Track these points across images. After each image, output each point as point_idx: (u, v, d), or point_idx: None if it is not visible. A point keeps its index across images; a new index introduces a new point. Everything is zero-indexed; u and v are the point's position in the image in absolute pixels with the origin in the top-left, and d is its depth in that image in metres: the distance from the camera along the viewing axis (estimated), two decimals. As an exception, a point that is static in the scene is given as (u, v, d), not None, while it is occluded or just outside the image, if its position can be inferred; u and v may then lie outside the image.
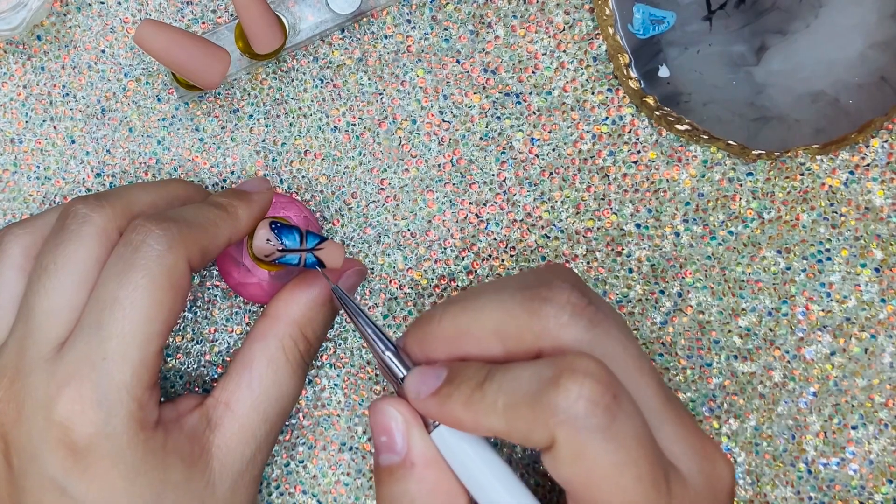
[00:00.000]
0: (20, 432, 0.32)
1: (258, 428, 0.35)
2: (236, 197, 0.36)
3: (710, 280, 0.41)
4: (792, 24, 0.40)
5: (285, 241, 0.34)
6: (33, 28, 0.42)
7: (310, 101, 0.42)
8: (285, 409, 0.36)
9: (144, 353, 0.32)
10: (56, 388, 0.31)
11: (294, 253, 0.34)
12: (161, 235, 0.32)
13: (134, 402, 0.32)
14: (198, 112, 0.42)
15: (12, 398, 0.32)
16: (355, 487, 0.41)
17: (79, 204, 0.34)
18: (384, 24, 0.42)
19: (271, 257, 0.34)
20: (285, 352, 0.36)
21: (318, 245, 0.35)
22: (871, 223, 0.41)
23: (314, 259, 0.35)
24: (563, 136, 0.42)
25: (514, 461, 0.41)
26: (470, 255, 0.42)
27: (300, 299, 0.37)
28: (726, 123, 0.40)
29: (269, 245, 0.34)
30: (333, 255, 0.35)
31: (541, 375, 0.29)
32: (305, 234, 0.35)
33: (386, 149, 0.42)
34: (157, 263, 0.32)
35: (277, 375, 0.36)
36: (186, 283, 0.33)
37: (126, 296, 0.32)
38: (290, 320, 0.36)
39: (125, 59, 0.42)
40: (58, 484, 0.31)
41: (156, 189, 0.36)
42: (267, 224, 0.35)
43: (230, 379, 0.35)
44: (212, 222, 0.34)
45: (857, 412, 0.41)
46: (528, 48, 0.42)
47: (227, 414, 0.35)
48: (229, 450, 0.34)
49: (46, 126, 0.42)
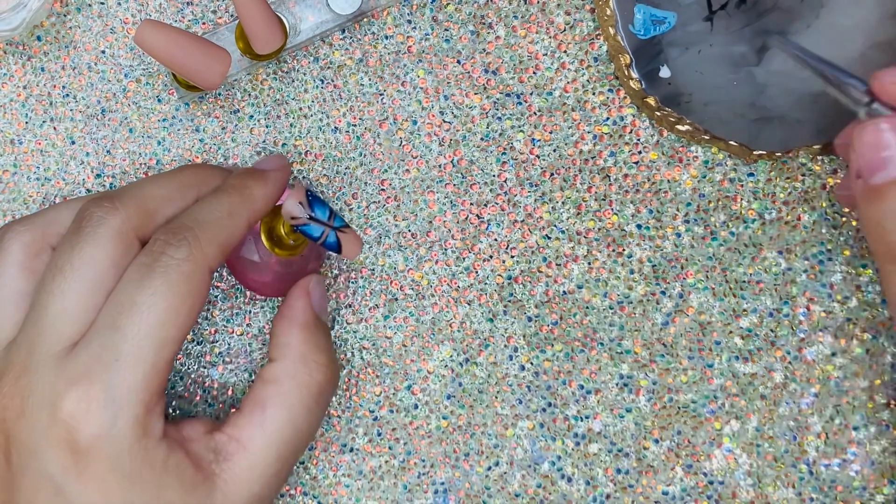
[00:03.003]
0: (22, 428, 0.32)
1: (270, 466, 0.35)
2: (251, 177, 0.36)
3: (711, 281, 0.41)
4: (793, 24, 0.40)
5: (316, 211, 0.34)
6: (33, 29, 0.42)
7: (310, 102, 0.42)
8: (300, 448, 0.36)
9: (157, 357, 0.32)
10: (65, 385, 0.31)
11: (320, 225, 0.34)
12: (179, 245, 0.33)
13: (141, 406, 0.32)
14: (198, 113, 0.42)
15: (17, 393, 0.32)
16: (356, 489, 0.41)
17: (93, 207, 0.34)
18: (385, 25, 0.42)
19: (296, 223, 0.34)
20: (300, 389, 0.36)
21: (343, 228, 0.35)
22: (872, 224, 0.41)
23: (335, 240, 0.35)
24: (564, 137, 0.42)
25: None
26: (471, 256, 0.41)
27: (294, 332, 0.37)
28: (727, 124, 0.40)
29: (301, 210, 0.34)
30: (353, 245, 0.35)
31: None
32: (335, 214, 0.35)
33: (386, 149, 0.42)
34: (175, 271, 0.32)
35: (291, 414, 0.35)
36: (205, 290, 0.33)
37: (144, 300, 0.32)
38: (295, 357, 0.36)
39: (125, 60, 0.42)
40: (54, 483, 0.31)
41: (169, 181, 0.36)
42: (304, 190, 0.34)
43: (241, 416, 0.35)
44: (228, 214, 0.34)
45: (859, 413, 0.41)
46: (529, 49, 0.42)
47: (240, 450, 0.34)
48: (236, 484, 0.34)
49: (46, 127, 0.42)
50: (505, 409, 0.41)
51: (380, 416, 0.41)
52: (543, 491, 0.41)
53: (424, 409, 0.41)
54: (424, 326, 0.41)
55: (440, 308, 0.41)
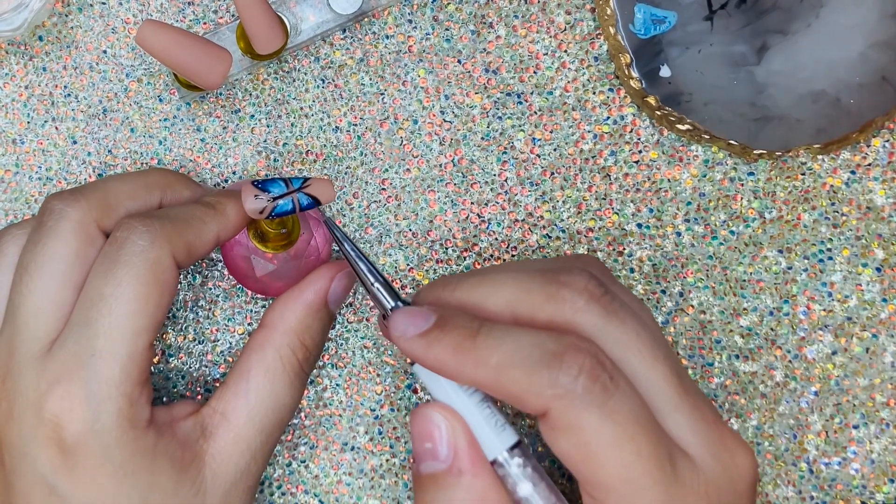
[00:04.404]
0: (11, 430, 0.32)
1: (253, 438, 0.35)
2: (224, 195, 0.36)
3: (711, 280, 0.41)
4: (793, 23, 0.40)
5: (272, 191, 0.35)
6: (35, 29, 0.42)
7: (311, 102, 0.42)
8: (282, 420, 0.36)
9: (132, 348, 0.32)
10: (46, 385, 0.31)
11: (285, 197, 0.35)
12: (144, 231, 0.32)
13: (123, 398, 0.32)
14: (199, 112, 0.42)
15: (3, 396, 0.32)
16: (357, 487, 0.41)
17: (54, 200, 0.34)
18: (385, 25, 0.42)
19: (265, 212, 0.34)
20: (282, 362, 0.36)
21: (305, 184, 0.35)
22: (872, 223, 0.41)
23: (308, 198, 0.35)
24: (565, 136, 0.42)
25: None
26: (471, 255, 0.42)
27: (296, 307, 0.37)
28: (727, 123, 0.40)
29: (260, 200, 0.34)
30: (324, 189, 0.35)
31: (544, 346, 0.29)
32: (289, 180, 0.35)
33: (387, 149, 0.42)
34: (140, 258, 0.32)
35: (274, 386, 0.35)
36: (172, 278, 0.33)
37: (110, 292, 0.32)
38: (286, 329, 0.36)
39: (127, 60, 0.42)
40: (46, 482, 0.31)
41: (134, 179, 0.36)
42: (248, 182, 0.35)
43: (226, 389, 0.35)
44: (198, 218, 0.34)
45: (859, 411, 0.41)
46: (530, 48, 0.42)
47: (223, 423, 0.34)
48: (223, 459, 0.34)
49: (48, 127, 0.42)
50: (505, 406, 0.41)
51: (381, 414, 0.41)
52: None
53: (425, 407, 0.41)
54: (425, 325, 0.41)
55: (441, 307, 0.41)
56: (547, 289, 0.31)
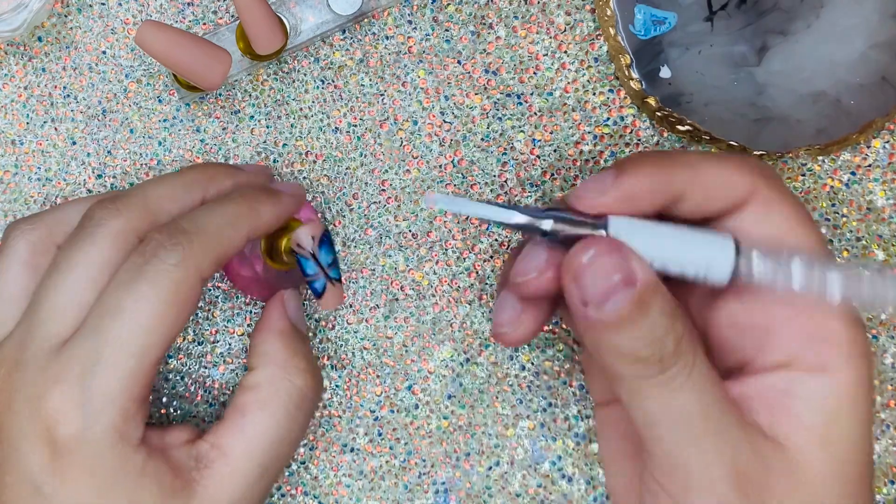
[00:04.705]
0: (8, 421, 0.32)
1: (250, 472, 0.34)
2: (264, 192, 0.36)
3: (711, 281, 0.41)
4: (793, 24, 0.40)
5: (322, 253, 0.35)
6: (34, 29, 0.42)
7: (311, 102, 0.42)
8: (283, 454, 0.36)
9: (138, 363, 0.32)
10: (49, 383, 0.31)
11: (316, 265, 0.35)
12: (172, 250, 0.32)
13: (118, 412, 0.31)
14: (199, 113, 0.42)
15: (6, 388, 0.32)
16: (356, 489, 0.41)
17: (96, 209, 0.34)
18: (385, 25, 0.42)
19: (300, 252, 0.35)
20: (279, 395, 0.36)
21: (335, 279, 0.36)
22: (872, 224, 0.41)
23: (322, 287, 0.35)
24: (565, 137, 0.42)
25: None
26: (471, 256, 0.42)
27: (274, 340, 0.37)
28: (728, 124, 0.40)
29: (309, 243, 0.35)
30: (334, 298, 0.36)
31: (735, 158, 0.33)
32: (335, 263, 0.35)
33: (387, 150, 0.42)
34: (165, 277, 0.32)
35: (272, 420, 0.35)
36: (195, 296, 0.33)
37: (129, 305, 0.32)
38: (275, 362, 0.36)
39: (126, 61, 0.42)
40: (33, 481, 0.31)
41: (172, 181, 0.36)
42: (322, 228, 0.35)
43: (223, 424, 0.35)
44: (229, 222, 0.34)
45: (859, 413, 0.41)
46: (530, 49, 0.42)
47: (220, 457, 0.34)
48: (216, 491, 0.34)
49: (47, 127, 0.42)
50: (505, 408, 0.41)
51: (380, 416, 0.41)
52: (544, 491, 0.41)
53: (425, 409, 0.41)
54: (425, 326, 0.41)
55: (441, 308, 0.41)
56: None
